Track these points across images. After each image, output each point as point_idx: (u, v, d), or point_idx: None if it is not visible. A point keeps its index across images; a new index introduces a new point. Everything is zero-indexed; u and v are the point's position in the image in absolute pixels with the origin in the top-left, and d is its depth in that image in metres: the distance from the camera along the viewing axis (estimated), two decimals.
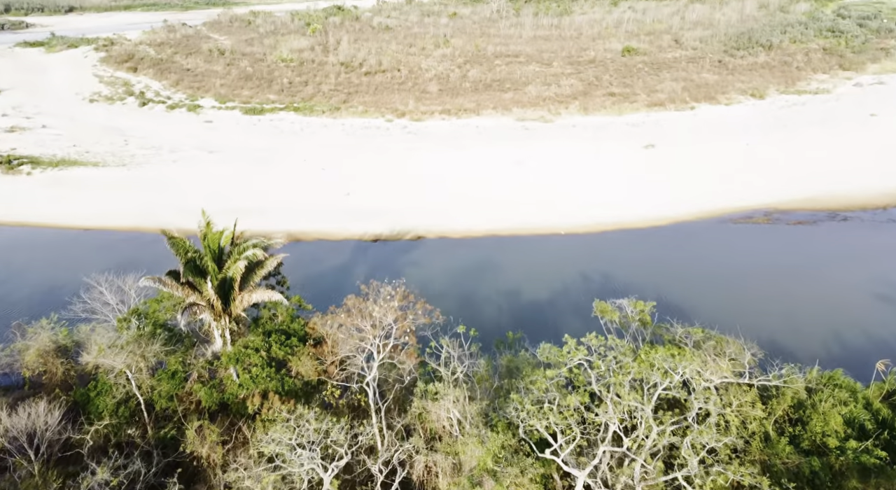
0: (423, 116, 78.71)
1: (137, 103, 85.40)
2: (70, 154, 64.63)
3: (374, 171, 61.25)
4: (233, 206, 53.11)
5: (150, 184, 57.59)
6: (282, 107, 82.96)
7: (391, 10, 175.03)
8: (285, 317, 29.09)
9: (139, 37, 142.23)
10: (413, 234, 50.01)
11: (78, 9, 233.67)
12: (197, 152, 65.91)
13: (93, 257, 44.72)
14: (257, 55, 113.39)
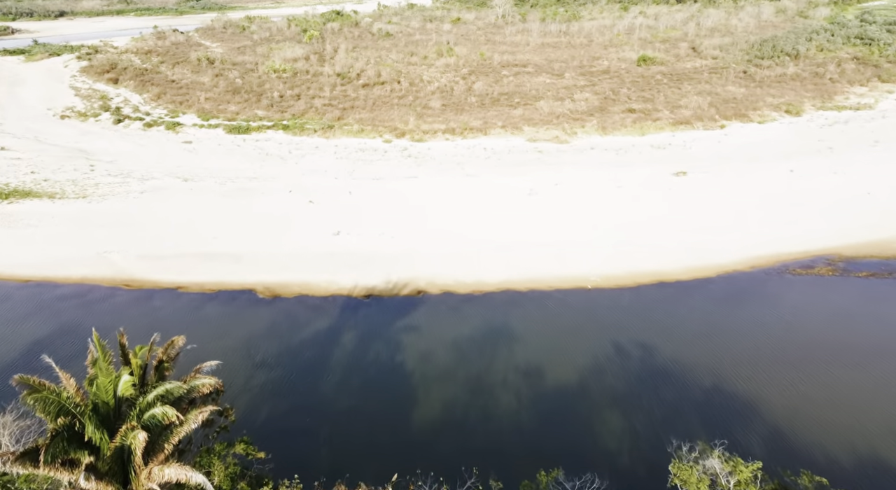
0: (424, 136, 71.13)
1: (112, 120, 78.00)
2: (25, 183, 57.15)
3: (368, 205, 53.69)
4: (201, 249, 45.72)
5: (111, 221, 50.05)
6: (269, 125, 75.44)
7: (392, 15, 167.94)
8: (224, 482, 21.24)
9: (126, 44, 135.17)
10: (412, 287, 42.35)
11: (69, 14, 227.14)
12: (170, 180, 58.37)
13: (16, 328, 37.15)
14: (248, 65, 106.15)
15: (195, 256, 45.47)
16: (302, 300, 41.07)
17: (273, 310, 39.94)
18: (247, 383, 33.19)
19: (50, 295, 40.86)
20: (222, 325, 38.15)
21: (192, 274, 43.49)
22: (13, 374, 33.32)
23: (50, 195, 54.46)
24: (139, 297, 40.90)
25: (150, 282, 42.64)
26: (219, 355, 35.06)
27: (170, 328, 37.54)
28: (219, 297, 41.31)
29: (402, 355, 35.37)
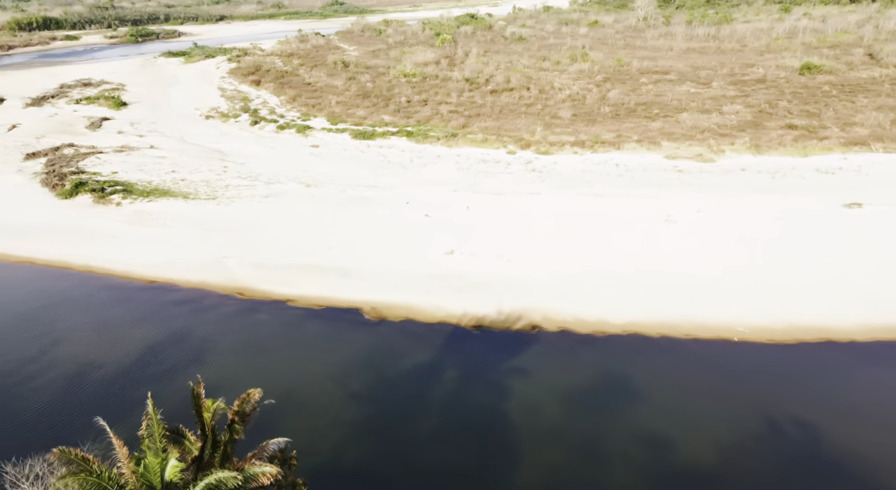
0: (551, 149, 66.77)
1: (249, 122, 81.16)
2: (165, 182, 60.06)
3: (486, 222, 50.47)
4: (313, 260, 44.76)
5: (234, 225, 50.81)
6: (394, 131, 74.63)
7: (526, 18, 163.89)
8: None
9: (272, 47, 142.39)
10: (526, 320, 38.50)
11: (228, 17, 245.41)
12: (293, 185, 58.80)
13: (129, 332, 37.80)
14: (380, 69, 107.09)
15: (307, 268, 44.67)
16: (407, 326, 38.61)
17: (375, 334, 37.81)
18: (336, 417, 31.12)
19: (167, 299, 41.61)
20: (322, 347, 36.61)
21: (301, 286, 42.61)
22: (121, 382, 34.03)
23: (184, 195, 56.64)
24: (248, 309, 40.53)
25: (260, 292, 42.26)
26: (313, 382, 33.58)
27: (269, 346, 36.70)
28: (324, 314, 39.96)
29: (510, 404, 31.70)
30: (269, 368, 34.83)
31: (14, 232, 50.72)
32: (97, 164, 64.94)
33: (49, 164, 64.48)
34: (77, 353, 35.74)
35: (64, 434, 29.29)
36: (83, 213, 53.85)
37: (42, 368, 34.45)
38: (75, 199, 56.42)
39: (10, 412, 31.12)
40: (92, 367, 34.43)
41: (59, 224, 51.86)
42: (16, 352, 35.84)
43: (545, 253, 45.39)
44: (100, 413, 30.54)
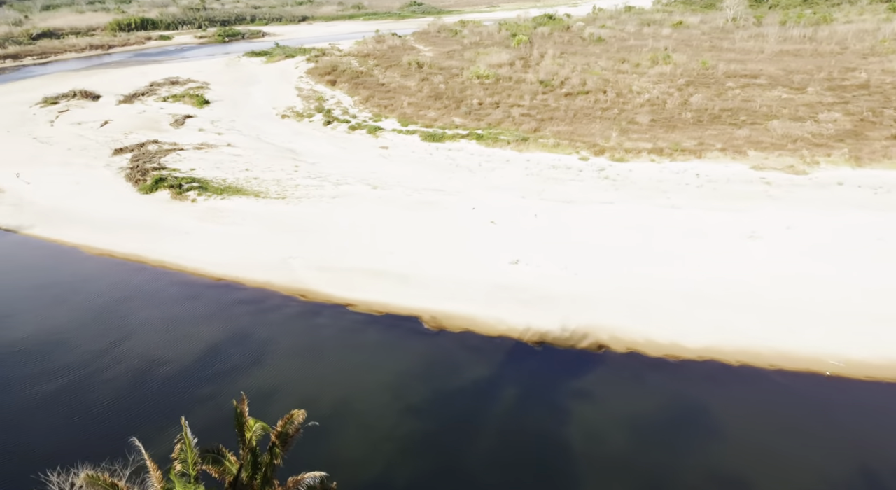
0: (626, 155, 63.83)
1: (323, 122, 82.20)
2: (239, 179, 61.43)
3: (554, 231, 48.55)
4: (376, 265, 44.23)
5: (301, 225, 51.14)
6: (464, 133, 73.59)
7: (606, 18, 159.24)
8: None
9: (349, 47, 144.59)
10: (592, 339, 36.47)
11: (310, 18, 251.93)
12: (361, 187, 58.76)
13: (194, 330, 38.32)
14: (454, 70, 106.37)
15: (369, 272, 44.26)
16: (466, 338, 37.39)
17: (434, 345, 36.79)
18: (390, 431, 30.27)
19: (233, 297, 42.12)
20: (379, 356, 35.90)
21: (362, 291, 42.20)
22: (183, 381, 34.48)
23: (256, 194, 57.67)
24: (309, 312, 40.44)
25: (322, 295, 42.14)
26: (368, 392, 32.87)
27: (327, 352, 36.33)
28: (383, 321, 39.32)
29: (571, 430, 29.90)
30: (325, 374, 34.50)
31: (97, 224, 53.02)
32: (177, 160, 67.29)
33: (134, 160, 67.38)
34: (145, 349, 36.61)
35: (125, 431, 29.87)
36: (161, 208, 55.72)
37: (112, 361, 35.45)
38: (155, 194, 58.53)
39: (82, 404, 32.00)
40: (157, 364, 35.12)
41: (138, 218, 53.84)
42: (91, 343, 37.09)
43: (615, 267, 43.07)
44: (159, 411, 31.18)
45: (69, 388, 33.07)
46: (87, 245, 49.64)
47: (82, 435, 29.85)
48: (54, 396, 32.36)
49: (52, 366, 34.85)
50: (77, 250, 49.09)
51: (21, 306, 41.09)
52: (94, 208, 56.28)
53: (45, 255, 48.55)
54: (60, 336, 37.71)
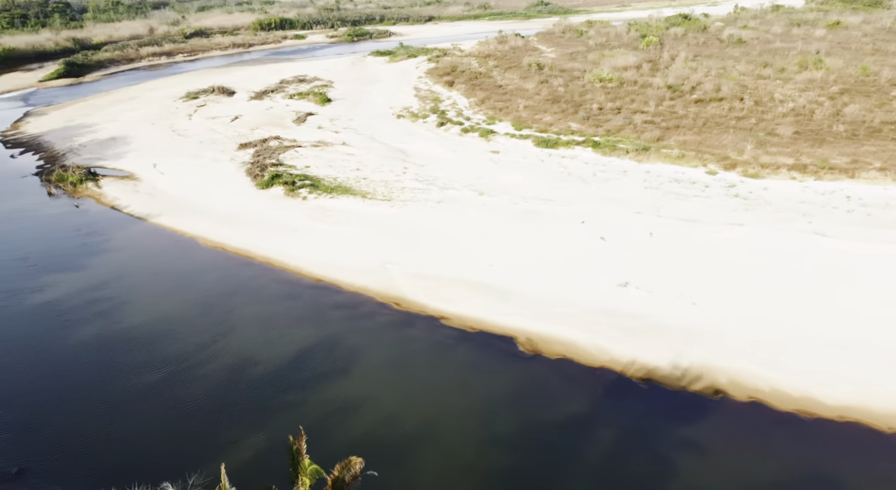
0: (762, 171, 57.36)
1: (436, 123, 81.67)
2: (349, 179, 62.05)
3: (671, 253, 44.22)
4: (474, 276, 42.49)
5: (403, 230, 50.44)
6: (580, 140, 69.88)
7: (749, 18, 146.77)
8: None
9: (471, 48, 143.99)
10: (707, 382, 32.36)
11: (436, 18, 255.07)
12: (467, 192, 57.20)
13: (290, 331, 38.29)
14: (575, 72, 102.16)
15: (466, 284, 42.52)
16: (563, 365, 34.56)
17: (527, 370, 34.32)
18: (472, 462, 28.26)
19: (329, 300, 42.00)
20: (468, 377, 34.02)
21: (458, 304, 40.53)
22: (272, 384, 34.43)
23: (363, 194, 57.86)
24: (401, 321, 39.37)
25: (417, 305, 40.95)
26: (453, 415, 31.05)
27: (415, 367, 34.96)
28: (476, 338, 37.39)
29: (676, 487, 26.35)
30: (411, 392, 33.19)
31: (215, 216, 55.45)
32: (294, 157, 69.33)
33: (255, 155, 70.28)
34: (241, 346, 37.21)
35: (210, 432, 30.22)
36: (274, 204, 57.36)
37: (210, 357, 36.30)
38: (270, 190, 60.42)
39: (176, 399, 32.80)
40: (249, 364, 35.48)
41: (252, 213, 55.71)
42: (194, 336, 38.27)
43: (741, 299, 38.24)
44: (244, 416, 31.19)
45: (167, 380, 34.13)
46: (203, 237, 51.95)
47: (172, 432, 30.53)
48: (153, 388, 33.51)
49: (156, 356, 36.25)
50: (195, 241, 51.49)
51: (139, 294, 43.46)
52: (214, 200, 59.03)
53: (166, 244, 51.35)
54: (168, 327, 39.30)
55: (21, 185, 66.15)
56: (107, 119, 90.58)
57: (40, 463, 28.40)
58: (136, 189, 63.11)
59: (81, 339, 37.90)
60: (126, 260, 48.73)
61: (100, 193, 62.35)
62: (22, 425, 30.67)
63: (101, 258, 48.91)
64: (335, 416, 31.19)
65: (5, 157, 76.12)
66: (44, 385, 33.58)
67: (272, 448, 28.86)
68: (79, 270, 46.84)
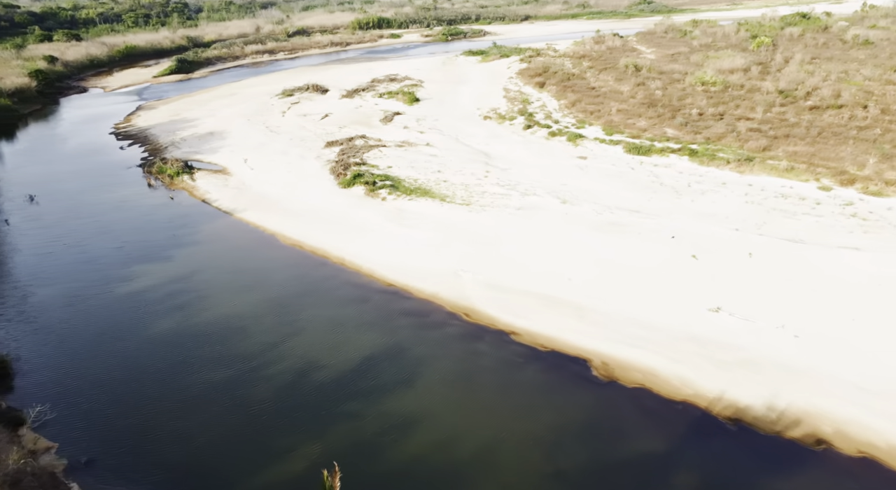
0: (886, 189, 51.15)
1: (522, 126, 79.40)
2: (428, 181, 61.15)
3: (772, 277, 39.96)
4: (549, 290, 40.50)
5: (479, 236, 48.83)
6: (676, 147, 65.43)
7: (880, 17, 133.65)
8: None
9: (566, 48, 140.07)
10: (809, 429, 28.61)
11: (532, 17, 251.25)
12: (549, 199, 54.76)
13: (356, 337, 37.51)
14: (675, 75, 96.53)
15: (541, 298, 40.33)
16: (640, 396, 31.75)
17: (600, 398, 31.78)
18: None
19: (398, 307, 41.07)
20: (536, 400, 31.92)
21: (530, 319, 38.47)
22: (334, 393, 33.72)
23: (442, 198, 56.73)
24: (470, 334, 37.79)
25: (487, 317, 39.24)
26: (517, 442, 29.12)
27: (480, 385, 33.27)
28: (547, 358, 35.20)
29: None
30: (473, 412, 31.55)
31: (296, 214, 56.15)
32: (378, 157, 69.34)
33: (340, 154, 70.95)
34: (307, 349, 36.96)
35: (270, 438, 29.92)
36: (353, 204, 57.37)
37: (277, 357, 36.25)
38: (351, 189, 60.57)
39: (241, 399, 32.82)
40: (314, 368, 35.10)
41: (331, 212, 55.95)
42: (264, 335, 38.44)
43: (854, 336, 33.79)
44: (304, 422, 30.65)
45: (235, 378, 34.32)
46: (283, 234, 52.64)
47: (234, 433, 30.48)
48: (220, 385, 33.78)
49: (227, 353, 36.64)
50: (274, 238, 52.26)
51: (216, 289, 44.39)
52: (297, 197, 59.89)
53: (247, 240, 52.44)
54: (241, 323, 39.76)
55: (126, 175, 70.14)
56: (207, 114, 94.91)
57: (108, 455, 29.12)
58: (226, 183, 65.22)
59: (159, 330, 39.03)
60: (209, 254, 50.10)
61: (193, 186, 64.95)
62: (96, 415, 31.69)
63: (187, 251, 50.57)
64: (391, 431, 30.08)
65: (115, 149, 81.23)
66: (120, 376, 34.68)
67: (325, 460, 28.14)
68: (165, 262, 48.62)
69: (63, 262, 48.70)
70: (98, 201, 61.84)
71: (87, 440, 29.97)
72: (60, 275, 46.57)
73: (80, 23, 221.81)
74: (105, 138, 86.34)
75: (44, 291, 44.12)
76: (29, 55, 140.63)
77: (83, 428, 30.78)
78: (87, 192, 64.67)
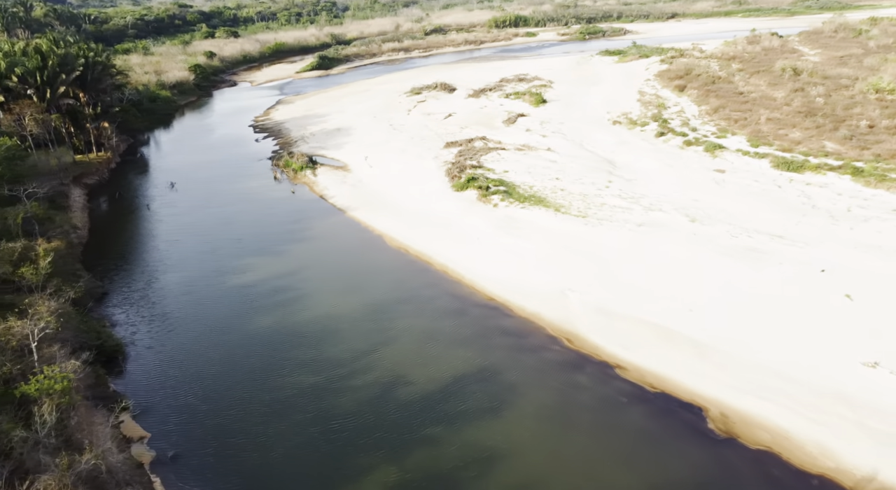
0: None
1: (655, 132, 73.50)
2: (544, 189, 57.97)
3: None
4: (666, 321, 36.44)
5: (592, 252, 45.15)
6: (835, 165, 56.95)
7: None
8: None
9: (714, 48, 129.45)
10: None
11: (679, 15, 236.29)
12: (676, 216, 49.66)
13: (447, 352, 35.44)
14: (843, 80, 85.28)
15: (654, 328, 36.13)
16: (765, 461, 26.98)
17: (716, 459, 27.41)
18: None
19: (496, 324, 38.68)
20: (637, 453, 28.15)
21: (640, 352, 34.49)
22: (420, 413, 31.83)
23: (556, 207, 53.42)
24: (570, 363, 34.56)
25: (591, 345, 35.75)
26: None
27: (576, 427, 30.01)
28: (655, 401, 31.19)
29: None
30: (565, 455, 28.47)
31: (406, 215, 55.47)
32: (496, 160, 67.12)
33: (458, 155, 69.57)
34: (397, 361, 35.66)
35: (350, 455, 28.82)
36: (463, 208, 55.66)
37: (366, 367, 35.28)
38: (464, 193, 58.90)
39: (325, 410, 32.05)
40: (401, 382, 33.71)
41: (440, 216, 54.63)
42: (357, 342, 37.66)
43: None
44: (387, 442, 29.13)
45: (322, 386, 33.71)
46: (390, 236, 52.09)
47: (313, 445, 29.76)
48: (307, 391, 33.32)
49: (319, 357, 36.25)
50: (381, 240, 51.85)
51: (319, 289, 44.51)
52: (409, 198, 59.28)
53: (356, 240, 52.47)
54: (336, 327, 39.35)
55: (256, 168, 73.58)
56: (337, 110, 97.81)
57: (193, 453, 29.49)
58: (344, 180, 66.19)
59: (260, 326, 39.60)
60: (318, 252, 50.64)
61: (313, 182, 66.60)
62: (189, 410, 32.27)
63: (298, 247, 51.50)
64: (474, 465, 27.83)
65: (251, 141, 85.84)
66: (217, 371, 35.31)
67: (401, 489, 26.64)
68: (276, 256, 49.77)
69: (188, 250, 51.41)
70: (228, 191, 65.15)
71: (176, 434, 30.63)
72: (183, 263, 49.09)
73: (241, 21, 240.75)
74: (244, 131, 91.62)
75: (166, 277, 46.65)
76: (192, 51, 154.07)
77: (176, 421, 31.51)
78: (219, 181, 68.47)
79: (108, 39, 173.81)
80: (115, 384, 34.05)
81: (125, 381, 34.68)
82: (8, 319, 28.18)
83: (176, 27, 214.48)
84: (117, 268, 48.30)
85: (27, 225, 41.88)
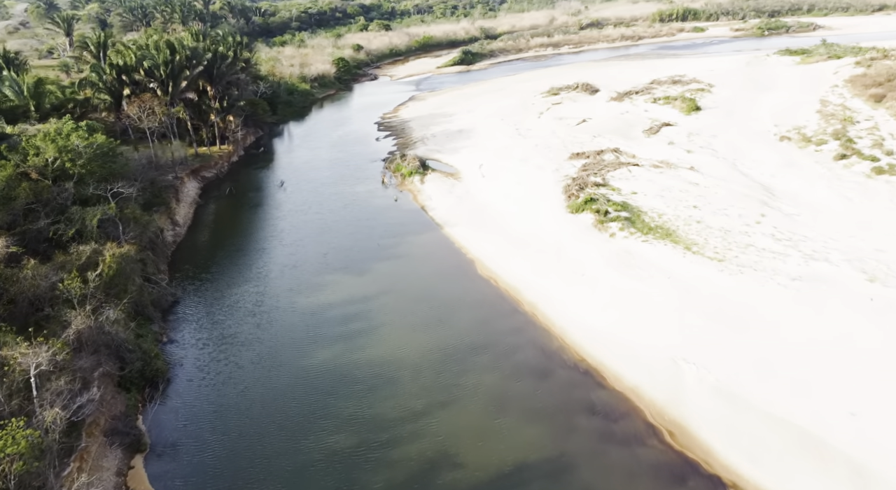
0: None
1: (834, 154, 59.78)
2: (676, 218, 48.43)
3: None
4: (808, 422, 27.04)
5: (725, 310, 35.84)
6: None
7: None
8: None
9: None
10: None
11: (889, 7, 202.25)
12: (847, 271, 38.35)
13: (525, 430, 28.52)
14: None
15: (797, 434, 26.99)
16: None
17: None
18: None
19: (581, 397, 31.19)
20: None
21: (771, 467, 25.63)
22: None
23: (687, 245, 44.00)
24: (669, 469, 26.55)
25: (702, 447, 27.36)
26: None
27: None
28: None
29: None
30: None
31: (506, 237, 49.16)
32: (625, 177, 58.15)
33: (582, 169, 61.45)
34: (454, 431, 29.84)
35: None
36: (574, 234, 48.05)
37: (414, 434, 29.97)
38: (579, 215, 51.14)
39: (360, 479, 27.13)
40: (451, 464, 27.93)
41: (545, 241, 47.58)
42: (412, 397, 32.42)
43: None
44: None
45: (358, 454, 28.69)
46: (482, 262, 46.07)
47: None
48: (338, 461, 28.47)
49: (364, 413, 31.26)
50: (472, 266, 45.99)
51: (391, 321, 39.50)
52: (515, 216, 52.78)
53: (445, 264, 47.08)
54: (394, 374, 34.18)
55: (369, 169, 70.76)
56: (465, 110, 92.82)
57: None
58: (451, 190, 60.99)
59: (312, 364, 35.58)
60: (400, 276, 45.66)
61: (418, 190, 62.11)
62: (210, 465, 28.65)
63: (382, 267, 47.04)
64: None
65: (372, 140, 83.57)
66: (246, 418, 31.25)
67: None
68: (357, 277, 45.69)
69: (272, 262, 48.83)
70: (332, 195, 62.58)
71: (216, 481, 27.27)
72: (263, 276, 46.38)
73: (398, 14, 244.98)
74: (369, 128, 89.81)
75: (240, 291, 44.21)
76: (342, 44, 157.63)
77: (189, 476, 27.93)
78: (329, 183, 66.31)
79: (273, 31, 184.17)
80: (143, 413, 31.61)
81: (156, 411, 32.08)
82: (17, 345, 26.30)
83: (336, 20, 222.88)
84: (198, 274, 46.87)
85: (110, 227, 41.43)
